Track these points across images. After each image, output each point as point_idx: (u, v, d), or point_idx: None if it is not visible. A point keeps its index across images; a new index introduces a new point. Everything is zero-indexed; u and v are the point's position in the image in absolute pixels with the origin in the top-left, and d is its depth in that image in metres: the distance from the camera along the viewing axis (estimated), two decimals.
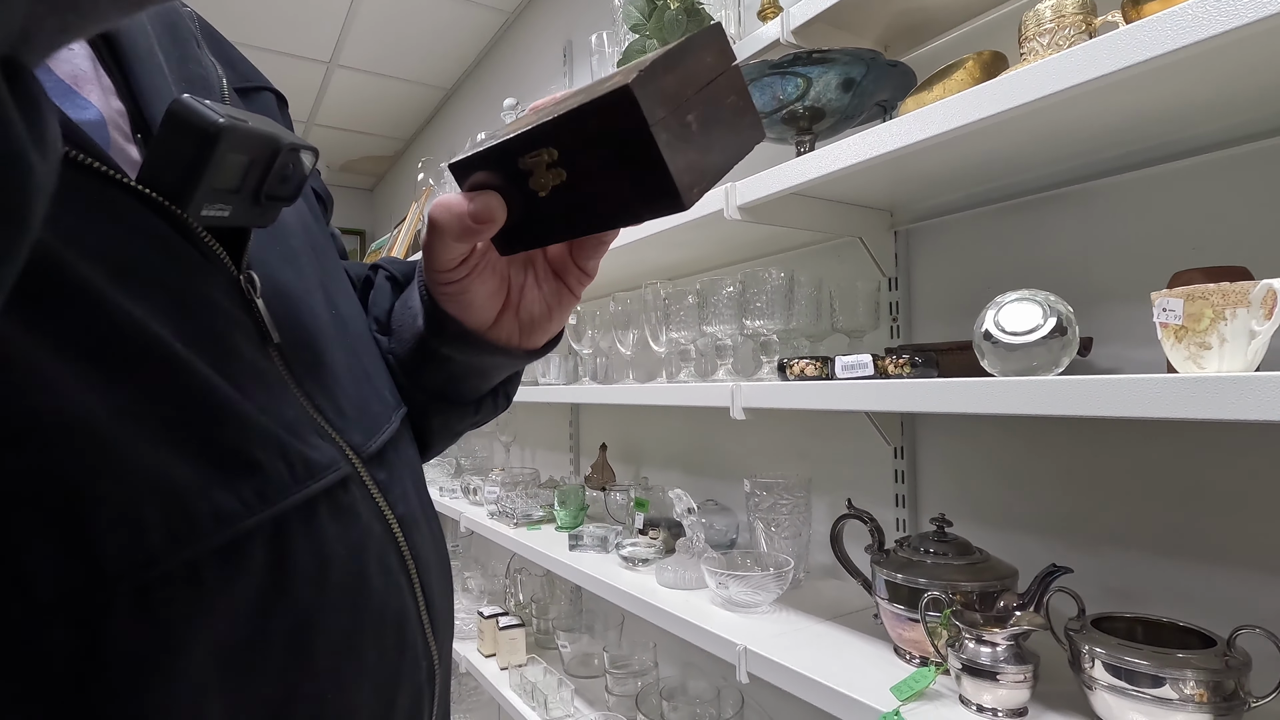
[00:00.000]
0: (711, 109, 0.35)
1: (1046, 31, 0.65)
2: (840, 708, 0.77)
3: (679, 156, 0.33)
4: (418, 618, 0.39)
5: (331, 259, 0.46)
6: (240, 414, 0.31)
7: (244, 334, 0.34)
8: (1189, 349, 0.54)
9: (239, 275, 0.34)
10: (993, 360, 0.69)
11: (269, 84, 0.49)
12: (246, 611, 0.29)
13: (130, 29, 0.36)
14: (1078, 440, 0.89)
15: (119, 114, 0.34)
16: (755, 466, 1.40)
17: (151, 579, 0.26)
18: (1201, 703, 0.60)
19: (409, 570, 0.39)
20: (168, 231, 0.31)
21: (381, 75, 2.94)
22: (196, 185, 0.30)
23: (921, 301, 1.09)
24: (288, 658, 0.31)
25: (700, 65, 0.35)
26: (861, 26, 1.04)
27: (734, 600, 1.04)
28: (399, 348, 0.48)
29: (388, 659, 0.36)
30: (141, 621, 0.26)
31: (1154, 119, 0.72)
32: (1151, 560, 0.82)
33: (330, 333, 0.40)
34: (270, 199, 0.34)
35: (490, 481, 1.89)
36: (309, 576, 0.32)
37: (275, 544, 0.31)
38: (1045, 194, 0.92)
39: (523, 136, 0.36)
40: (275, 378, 0.35)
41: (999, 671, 0.70)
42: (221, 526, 0.28)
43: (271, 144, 0.32)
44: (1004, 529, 0.97)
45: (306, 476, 0.33)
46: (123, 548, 0.26)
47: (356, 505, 0.36)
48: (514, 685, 1.60)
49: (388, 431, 0.41)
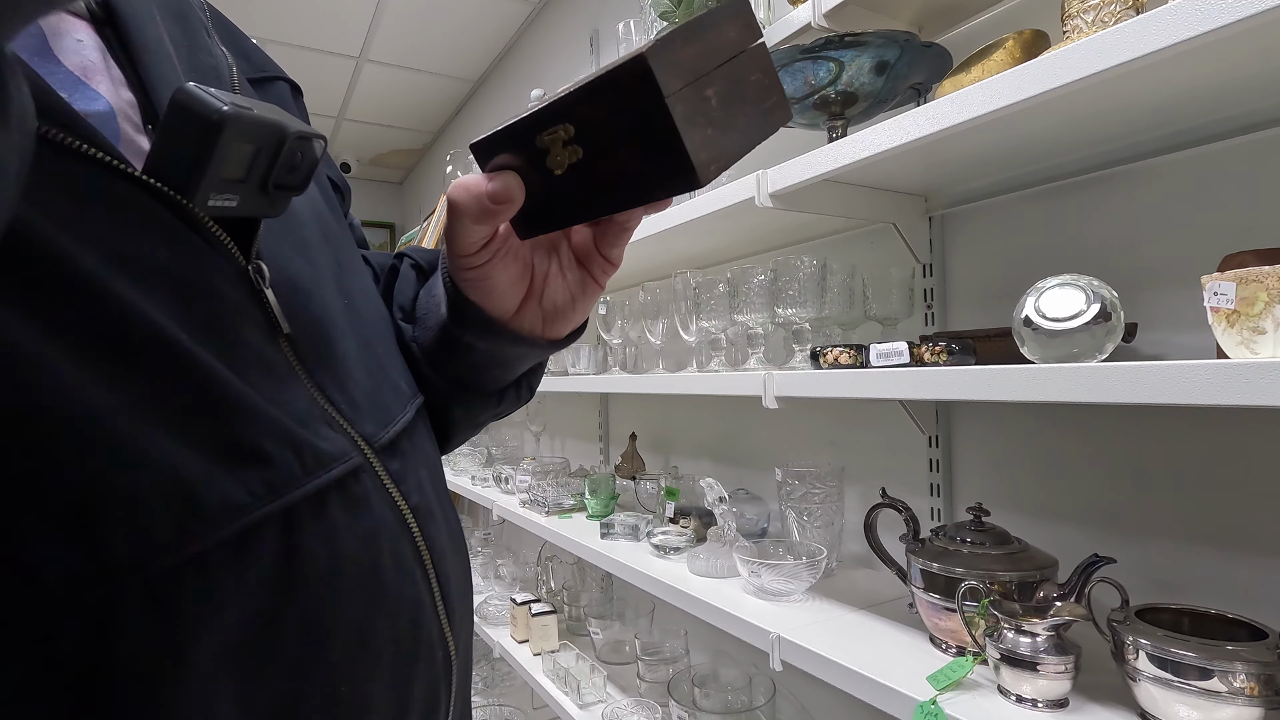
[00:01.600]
0: (733, 86, 0.34)
1: (1091, 8, 0.63)
2: (876, 696, 0.77)
3: (696, 132, 0.32)
4: (433, 608, 0.38)
5: (346, 249, 0.46)
6: (247, 405, 0.31)
7: (252, 324, 0.33)
8: (1241, 334, 0.52)
9: (247, 265, 0.34)
10: (1033, 347, 0.68)
11: (283, 73, 0.48)
12: (257, 604, 0.29)
13: (137, 18, 0.36)
14: (1121, 428, 0.87)
15: (129, 105, 0.34)
16: (786, 455, 1.40)
17: (160, 571, 0.26)
18: (1252, 696, 0.59)
19: (423, 560, 0.38)
20: (174, 222, 0.31)
21: (410, 69, 2.97)
22: (202, 175, 0.30)
23: (957, 288, 1.08)
24: (299, 650, 0.31)
25: (723, 39, 0.33)
26: (895, 8, 1.02)
27: (766, 589, 1.04)
28: (423, 336, 0.48)
29: (402, 650, 0.36)
30: (151, 614, 0.26)
31: (1205, 96, 0.69)
32: (1198, 551, 0.80)
33: (342, 323, 0.40)
34: (279, 188, 0.34)
35: (521, 470, 1.91)
36: (320, 568, 0.32)
37: (285, 535, 0.30)
38: (1088, 176, 0.90)
39: (539, 112, 0.35)
40: (284, 368, 0.34)
41: (1039, 662, 0.69)
42: (230, 518, 0.28)
43: (278, 132, 0.32)
44: (1043, 519, 0.95)
45: (316, 467, 0.33)
46: (131, 540, 0.25)
47: (368, 495, 0.36)
48: (547, 671, 1.62)
49: (401, 421, 0.41)
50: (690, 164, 0.31)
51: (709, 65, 0.33)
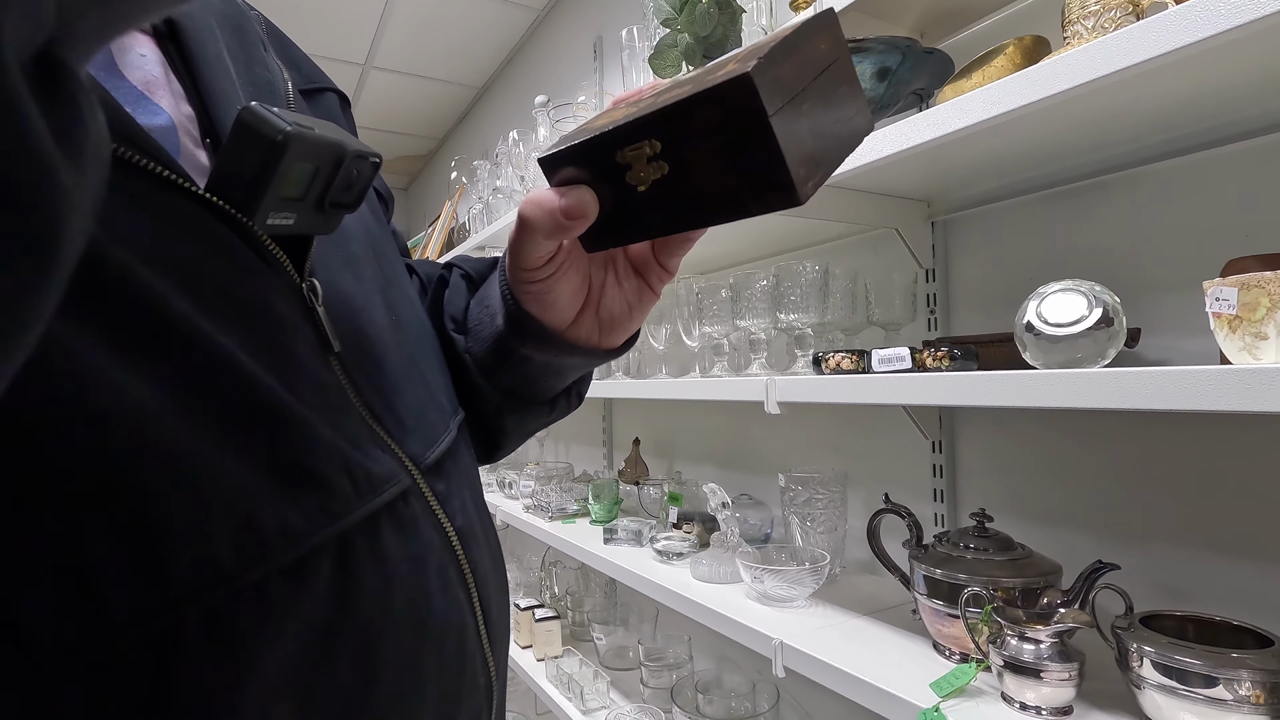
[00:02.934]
0: (825, 99, 0.33)
1: (1092, 14, 0.63)
2: (879, 703, 0.76)
3: (795, 148, 0.31)
4: (476, 631, 0.38)
5: (392, 262, 0.46)
6: (305, 427, 0.30)
7: (306, 344, 0.33)
8: (1244, 339, 0.52)
9: (301, 283, 0.34)
10: (1035, 353, 0.68)
11: (332, 85, 0.48)
12: (312, 631, 0.29)
13: (199, 33, 0.36)
14: (1125, 434, 0.87)
15: (188, 119, 0.34)
16: (790, 461, 1.40)
17: (221, 599, 0.26)
18: (1258, 704, 0.58)
19: (468, 583, 0.38)
20: (234, 240, 0.31)
21: (415, 76, 2.99)
22: (263, 194, 0.30)
23: (960, 293, 1.07)
24: (353, 678, 0.30)
25: (815, 52, 0.33)
26: (897, 13, 1.02)
27: (769, 594, 1.04)
28: (476, 347, 0.47)
29: (449, 675, 0.35)
30: (211, 643, 0.25)
31: (1205, 101, 0.69)
32: (1203, 558, 0.80)
33: (389, 339, 0.40)
34: (334, 206, 0.34)
35: (525, 475, 1.91)
36: (374, 594, 0.31)
37: (340, 561, 0.30)
38: (1090, 181, 0.90)
39: (624, 127, 0.34)
40: (336, 389, 0.34)
41: (1043, 669, 0.69)
42: (289, 544, 0.28)
43: (337, 152, 0.32)
44: (1047, 525, 0.95)
45: (369, 491, 0.32)
46: (193, 566, 0.25)
47: (417, 519, 0.35)
48: (550, 676, 1.62)
49: (445, 441, 0.41)
50: (791, 181, 0.31)
51: (805, 80, 0.32)
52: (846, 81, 0.35)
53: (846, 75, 0.35)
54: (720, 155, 0.33)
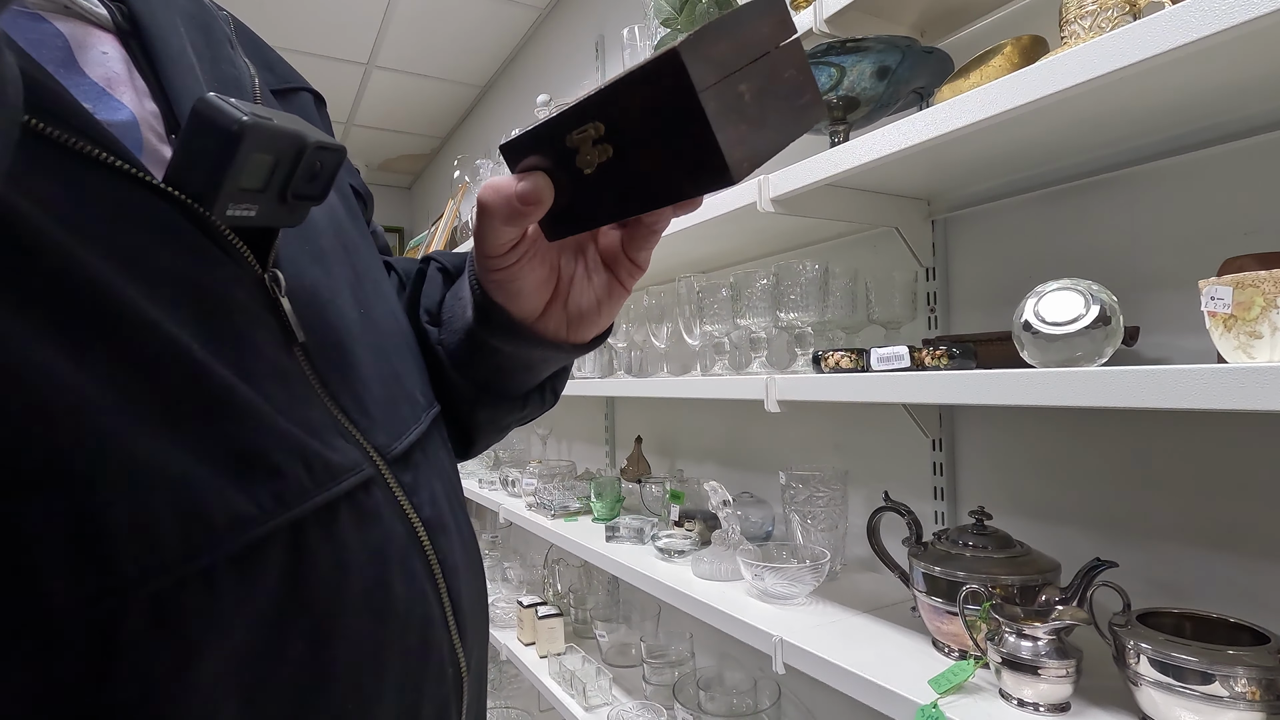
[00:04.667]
0: (767, 82, 0.33)
1: (1089, 14, 0.63)
2: (877, 699, 0.77)
3: (729, 128, 0.31)
4: (444, 623, 0.38)
5: (365, 258, 0.46)
6: (258, 416, 0.30)
7: (268, 333, 0.33)
8: (1238, 338, 0.52)
9: (264, 274, 0.34)
10: (1032, 351, 0.68)
11: (307, 85, 0.48)
12: (263, 621, 0.28)
13: (162, 30, 0.36)
14: (1124, 432, 0.87)
15: (153, 115, 0.34)
16: (791, 459, 1.40)
17: (166, 586, 0.26)
18: (1254, 700, 0.59)
19: (434, 575, 0.37)
20: (192, 231, 0.31)
21: (417, 75, 2.99)
22: (221, 185, 0.30)
23: (960, 292, 1.08)
24: (305, 668, 0.30)
25: (756, 35, 0.33)
26: (897, 12, 1.02)
27: (770, 592, 1.04)
28: (449, 338, 0.48)
29: (411, 668, 0.35)
30: (156, 630, 0.25)
31: (1203, 100, 0.69)
32: (1201, 555, 0.80)
33: (357, 332, 0.40)
34: (298, 198, 0.34)
35: (528, 474, 1.92)
36: (328, 584, 0.31)
37: (293, 550, 0.30)
38: (1090, 179, 0.90)
39: (569, 111, 0.34)
40: (299, 378, 0.34)
41: (1040, 666, 0.69)
42: (237, 532, 0.28)
43: (297, 142, 0.32)
44: (1047, 523, 0.95)
45: (327, 479, 0.32)
46: (138, 553, 0.25)
47: (379, 508, 0.35)
48: (553, 673, 1.63)
49: (415, 432, 0.40)
50: (723, 161, 0.31)
51: (742, 61, 0.32)
52: (795, 66, 0.35)
53: (795, 61, 0.35)
54: (658, 135, 0.33)
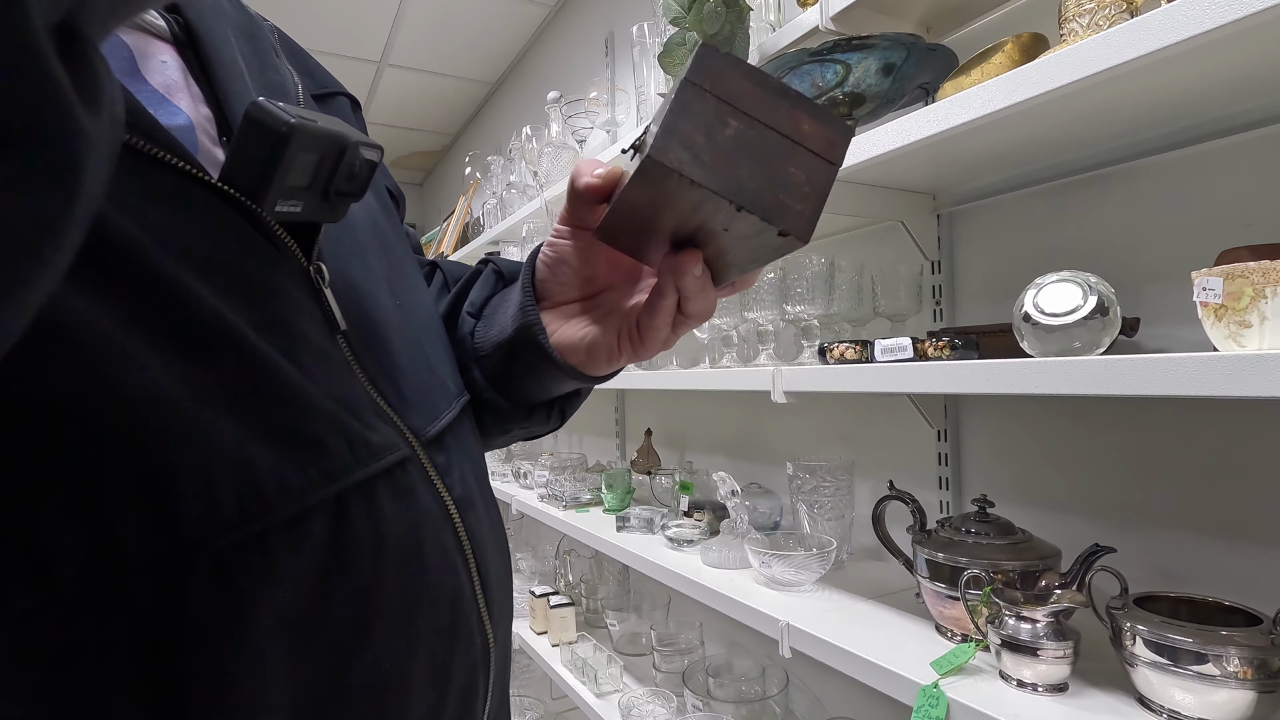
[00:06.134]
0: (758, 145, 0.34)
1: (1087, 11, 0.65)
2: (880, 681, 0.79)
3: (680, 139, 0.32)
4: (473, 596, 0.40)
5: (400, 254, 0.48)
6: (307, 397, 0.33)
7: (313, 321, 0.36)
8: (1229, 328, 0.54)
9: (309, 266, 0.36)
10: (1032, 342, 0.70)
11: (343, 89, 0.52)
12: (309, 582, 0.31)
13: (215, 41, 0.39)
14: (1123, 421, 0.88)
15: (206, 119, 0.37)
16: (798, 450, 1.42)
17: (226, 547, 0.28)
18: (1245, 679, 0.61)
19: (464, 550, 0.40)
20: (245, 226, 0.33)
21: (429, 72, 3.02)
22: (271, 182, 0.32)
23: (965, 285, 1.09)
24: (346, 627, 0.33)
25: (784, 116, 0.34)
26: (902, 9, 1.04)
27: (777, 579, 1.06)
28: (481, 328, 0.51)
29: (442, 634, 0.38)
30: (217, 586, 0.28)
31: (1202, 95, 0.71)
32: (1198, 541, 0.82)
33: (394, 322, 0.42)
34: (339, 195, 0.36)
35: (540, 466, 1.95)
36: (367, 551, 0.34)
37: (336, 520, 0.32)
38: (1091, 174, 0.91)
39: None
40: (341, 363, 0.36)
41: (1039, 647, 0.71)
42: (288, 501, 0.30)
43: (339, 142, 0.34)
44: (1048, 511, 0.97)
45: (368, 457, 0.35)
46: (200, 517, 0.28)
47: (414, 485, 0.38)
48: (565, 661, 1.66)
49: (447, 417, 0.43)
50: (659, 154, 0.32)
51: (752, 111, 0.33)
52: (806, 174, 0.35)
53: (817, 176, 0.35)
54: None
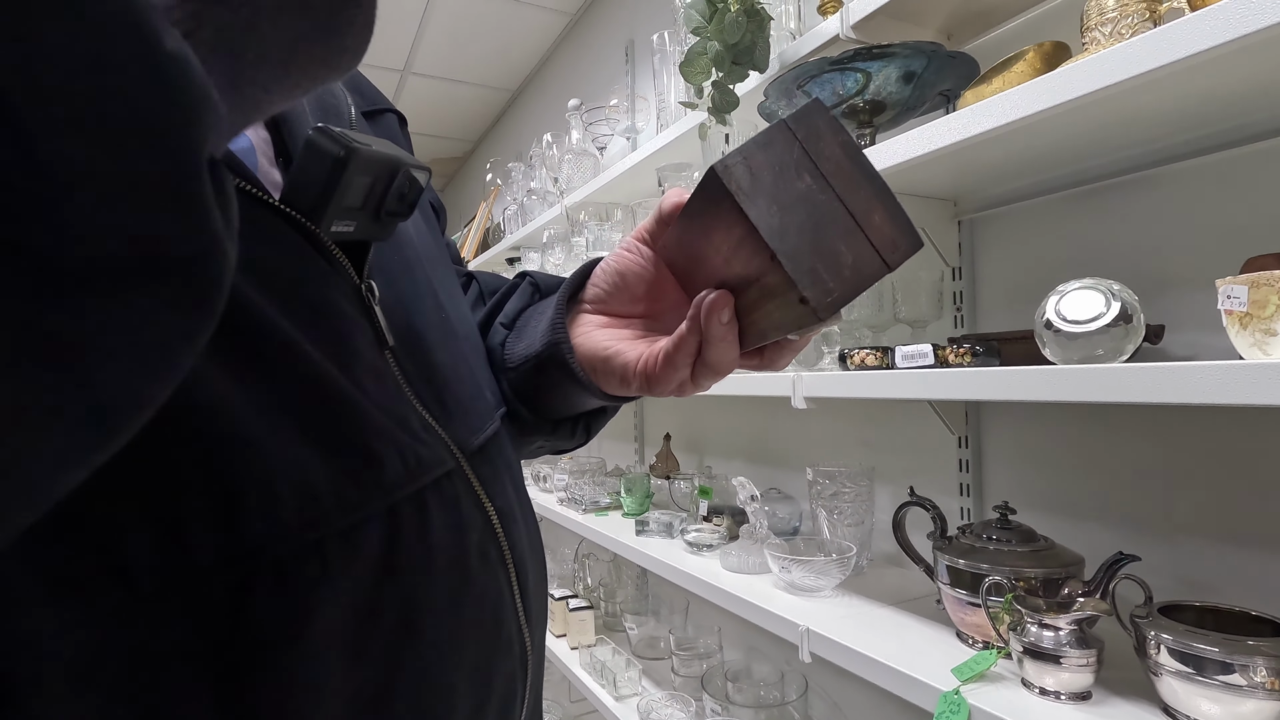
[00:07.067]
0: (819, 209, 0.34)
1: (1109, 20, 0.65)
2: (901, 687, 0.79)
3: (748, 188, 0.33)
4: (513, 605, 0.41)
5: (443, 268, 0.50)
6: (363, 412, 0.34)
7: (365, 338, 0.37)
8: (1254, 335, 0.54)
9: (361, 284, 0.38)
10: (1054, 349, 0.70)
11: (391, 106, 0.53)
12: (363, 588, 0.32)
13: None
14: (1147, 429, 0.88)
15: (264, 141, 0.38)
16: (818, 456, 1.42)
17: (287, 553, 0.30)
18: (1273, 690, 0.60)
19: (506, 561, 0.41)
20: (304, 245, 0.35)
21: (451, 80, 3.06)
22: (329, 204, 0.34)
23: (986, 291, 1.09)
24: (396, 633, 0.34)
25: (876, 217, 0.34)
26: (923, 17, 1.04)
27: (797, 584, 1.07)
28: (513, 339, 0.52)
29: (484, 642, 0.39)
30: (278, 590, 0.29)
31: (1225, 103, 0.71)
32: (1225, 550, 0.81)
33: (439, 337, 0.43)
34: (389, 215, 0.38)
35: (559, 470, 1.97)
36: (417, 559, 0.35)
37: (388, 529, 0.34)
38: (1114, 180, 0.91)
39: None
40: (390, 378, 0.38)
41: (1062, 655, 0.71)
42: (344, 512, 0.32)
43: (393, 166, 0.36)
44: (1071, 518, 0.96)
45: (419, 470, 0.36)
46: (263, 525, 0.29)
47: (460, 498, 0.39)
48: (584, 664, 1.67)
49: (489, 430, 0.44)
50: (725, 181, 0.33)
51: (830, 177, 0.33)
52: (855, 254, 0.34)
53: (869, 268, 0.34)
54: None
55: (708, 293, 0.39)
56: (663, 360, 0.42)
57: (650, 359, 0.43)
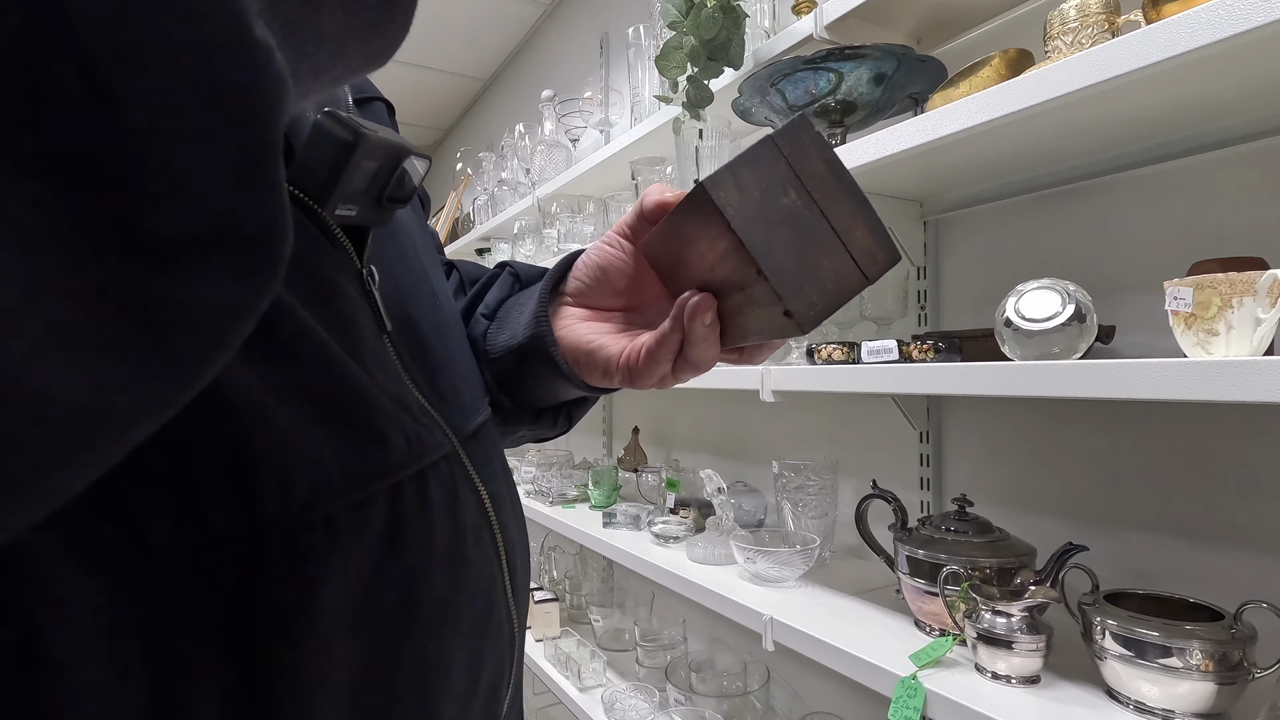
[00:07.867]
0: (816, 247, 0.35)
1: (1070, 30, 0.67)
2: (861, 673, 0.82)
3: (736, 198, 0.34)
4: (503, 588, 0.42)
5: (433, 256, 0.50)
6: (369, 392, 0.35)
7: (366, 320, 0.37)
8: (1198, 335, 0.56)
9: (362, 268, 0.38)
10: (1013, 346, 0.72)
11: (380, 94, 0.53)
12: (369, 562, 0.33)
13: None
14: (1098, 425, 0.92)
15: None
16: (784, 450, 1.44)
17: (298, 527, 0.30)
18: (1207, 672, 0.63)
19: (497, 542, 0.42)
20: (309, 226, 0.35)
21: (422, 67, 3.02)
22: (335, 187, 0.34)
23: (950, 290, 1.12)
24: (399, 609, 0.35)
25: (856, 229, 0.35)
26: (895, 20, 1.07)
27: (761, 575, 1.09)
28: (494, 328, 0.52)
29: (478, 620, 0.40)
30: (290, 562, 0.30)
31: (1178, 113, 0.74)
32: (1168, 541, 0.85)
33: (432, 325, 0.44)
34: (390, 201, 0.38)
35: (527, 462, 1.96)
36: (418, 536, 0.36)
37: (392, 507, 0.35)
38: (1072, 185, 0.94)
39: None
40: (390, 362, 0.38)
41: (1013, 641, 0.74)
42: (352, 488, 0.33)
43: (397, 152, 0.36)
44: (1025, 511, 1.00)
45: (421, 451, 0.37)
46: (276, 499, 0.30)
47: (456, 480, 0.40)
48: (549, 656, 1.67)
49: (481, 415, 0.45)
50: None
51: (815, 193, 0.34)
52: (839, 271, 0.35)
53: (850, 280, 0.36)
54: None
55: (692, 294, 0.40)
56: (645, 356, 0.43)
57: (633, 354, 0.44)
